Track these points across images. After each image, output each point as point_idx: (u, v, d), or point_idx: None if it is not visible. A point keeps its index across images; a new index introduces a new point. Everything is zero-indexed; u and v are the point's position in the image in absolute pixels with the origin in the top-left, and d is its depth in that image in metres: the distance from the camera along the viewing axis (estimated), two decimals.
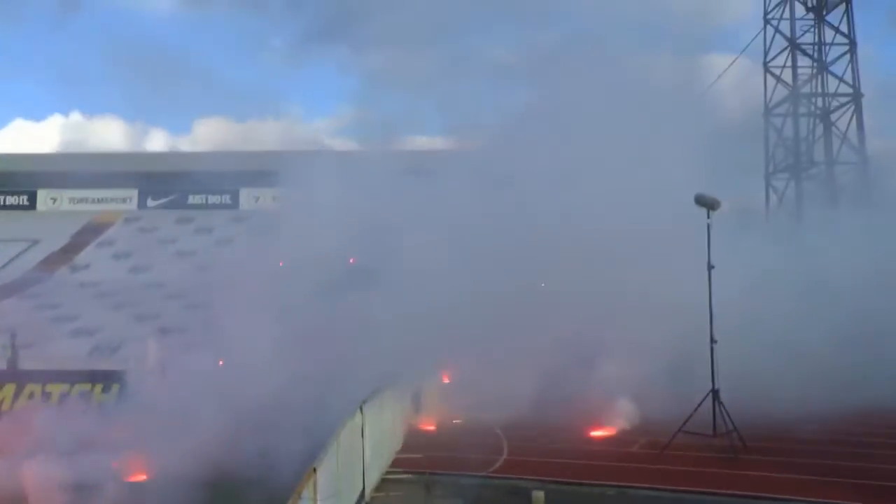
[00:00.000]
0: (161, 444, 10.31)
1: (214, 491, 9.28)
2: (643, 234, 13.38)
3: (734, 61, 28.46)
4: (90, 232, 37.57)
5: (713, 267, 10.75)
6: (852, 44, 27.51)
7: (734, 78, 28.25)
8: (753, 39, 28.84)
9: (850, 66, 27.46)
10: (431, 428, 13.07)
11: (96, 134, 65.69)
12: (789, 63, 27.93)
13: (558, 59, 16.69)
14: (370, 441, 8.90)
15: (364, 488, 8.65)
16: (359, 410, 8.54)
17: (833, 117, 27.83)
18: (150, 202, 40.19)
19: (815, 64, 27.91)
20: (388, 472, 9.97)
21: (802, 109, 28.00)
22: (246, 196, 39.65)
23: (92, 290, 30.48)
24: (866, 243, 15.52)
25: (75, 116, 79.44)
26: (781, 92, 28.20)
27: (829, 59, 27.78)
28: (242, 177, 38.28)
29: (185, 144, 68.22)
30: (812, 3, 28.01)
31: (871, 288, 14.69)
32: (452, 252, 13.82)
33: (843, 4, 27.71)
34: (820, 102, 28.02)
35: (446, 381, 14.08)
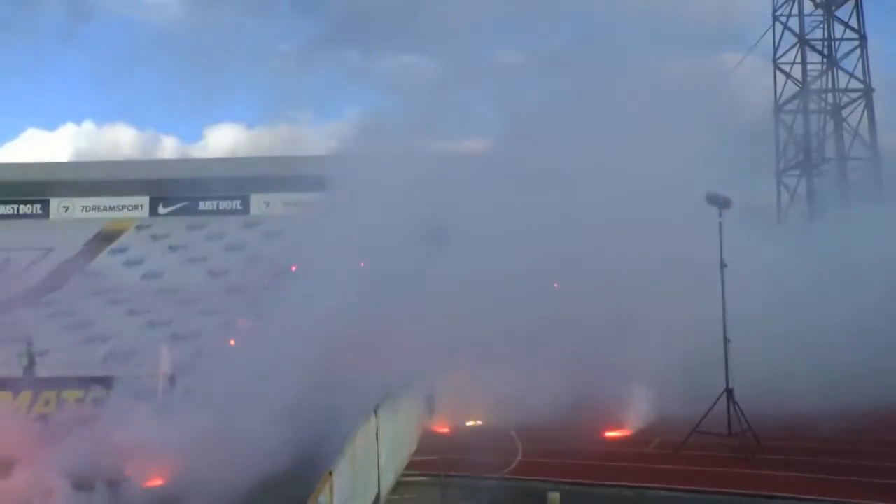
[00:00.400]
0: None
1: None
2: (654, 231, 13.36)
3: (743, 59, 28.34)
4: (102, 239, 37.84)
5: (725, 265, 10.72)
6: (862, 39, 27.26)
7: (744, 75, 28.13)
8: (762, 36, 28.64)
9: (860, 61, 27.24)
10: (446, 430, 13.07)
11: (108, 142, 66.23)
12: (799, 59, 27.70)
13: (569, 59, 16.68)
14: (385, 444, 8.92)
15: (379, 491, 8.67)
16: (373, 414, 8.57)
17: (844, 113, 27.59)
18: (162, 209, 40.42)
19: (825, 60, 27.68)
20: (403, 475, 9.98)
21: (813, 106, 27.75)
22: (256, 201, 39.82)
23: (105, 297, 30.68)
24: (880, 237, 15.42)
25: (87, 125, 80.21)
26: (791, 89, 27.98)
27: (839, 54, 27.53)
28: (252, 182, 38.59)
29: (196, 151, 68.64)
30: None
31: (883, 283, 14.59)
32: (465, 252, 13.83)
33: None
34: (830, 98, 27.80)
35: (460, 382, 14.05)
